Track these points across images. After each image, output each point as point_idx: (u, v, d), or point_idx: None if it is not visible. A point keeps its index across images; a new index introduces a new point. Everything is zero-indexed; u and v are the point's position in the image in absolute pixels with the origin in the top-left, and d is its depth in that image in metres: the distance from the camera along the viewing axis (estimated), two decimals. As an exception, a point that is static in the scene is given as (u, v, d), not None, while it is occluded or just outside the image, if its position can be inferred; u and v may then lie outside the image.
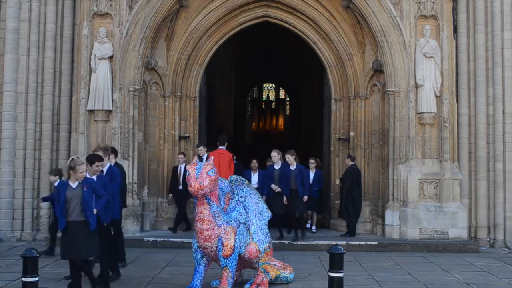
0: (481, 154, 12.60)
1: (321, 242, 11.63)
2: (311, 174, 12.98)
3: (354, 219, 12.62)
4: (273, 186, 11.79)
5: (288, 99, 41.02)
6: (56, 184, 8.72)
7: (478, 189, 12.65)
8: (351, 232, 12.54)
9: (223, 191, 7.62)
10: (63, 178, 8.76)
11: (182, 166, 12.73)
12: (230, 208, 7.69)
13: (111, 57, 12.39)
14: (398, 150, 12.39)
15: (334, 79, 13.96)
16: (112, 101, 12.33)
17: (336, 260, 6.65)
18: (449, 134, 12.42)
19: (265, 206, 8.02)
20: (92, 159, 7.75)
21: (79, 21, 12.65)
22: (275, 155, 11.91)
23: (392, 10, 12.38)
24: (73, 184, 7.03)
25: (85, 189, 7.00)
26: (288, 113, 40.72)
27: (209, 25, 13.66)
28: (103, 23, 12.47)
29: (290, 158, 11.76)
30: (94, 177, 7.62)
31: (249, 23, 14.10)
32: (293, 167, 11.81)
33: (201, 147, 12.42)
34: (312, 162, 13.21)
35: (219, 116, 24.20)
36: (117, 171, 8.71)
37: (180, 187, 12.72)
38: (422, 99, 12.31)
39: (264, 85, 41.59)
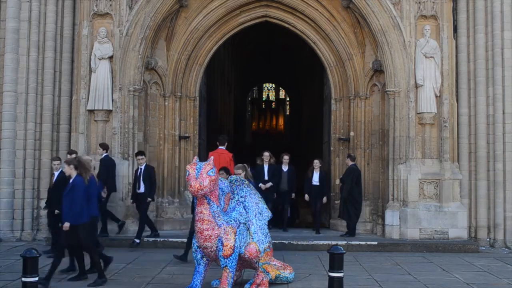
0: (481, 154, 12.61)
1: (321, 242, 11.64)
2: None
3: (354, 219, 12.62)
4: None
5: (288, 99, 41.02)
6: None
7: (478, 189, 12.65)
8: (351, 232, 12.54)
9: (223, 191, 7.62)
10: None
11: (56, 174, 10.72)
12: (230, 208, 7.69)
13: (111, 57, 12.40)
14: (398, 150, 12.39)
15: (334, 79, 13.96)
16: (112, 101, 12.33)
17: (336, 260, 6.66)
18: (449, 134, 12.43)
19: (265, 206, 8.02)
20: None
21: (79, 21, 12.66)
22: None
23: (392, 10, 12.39)
24: None
25: None
26: (288, 113, 40.72)
27: (209, 25, 13.66)
28: (103, 23, 12.48)
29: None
30: None
31: (249, 23, 14.10)
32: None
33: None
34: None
35: (219, 116, 24.20)
36: None
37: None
38: (422, 99, 12.31)
39: (264, 85, 41.57)
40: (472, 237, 12.60)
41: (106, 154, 11.93)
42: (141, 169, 11.64)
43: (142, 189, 11.58)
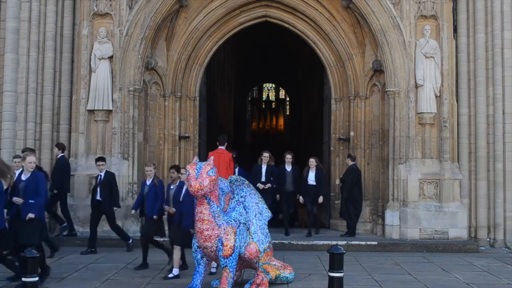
0: (481, 154, 12.60)
1: (321, 242, 11.64)
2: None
3: (354, 219, 12.62)
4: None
5: (288, 99, 41.03)
6: None
7: (478, 189, 12.65)
8: (351, 232, 12.54)
9: (223, 191, 7.62)
10: None
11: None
12: (230, 208, 7.69)
13: (111, 57, 12.40)
14: (398, 150, 12.39)
15: (334, 79, 13.97)
16: (112, 101, 12.33)
17: (336, 260, 6.66)
18: (449, 134, 12.43)
19: (265, 206, 8.02)
20: None
21: (79, 21, 12.66)
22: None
23: (392, 10, 12.39)
24: None
25: None
26: (288, 113, 40.73)
27: (209, 25, 13.66)
28: (103, 23, 12.48)
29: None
30: None
31: (249, 23, 14.10)
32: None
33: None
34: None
35: (219, 116, 24.20)
36: None
37: None
38: (422, 99, 12.31)
39: (264, 85, 41.58)
40: (472, 237, 12.60)
41: (63, 154, 11.84)
42: (100, 176, 11.08)
43: (99, 196, 11.05)
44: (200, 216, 7.29)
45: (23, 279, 6.37)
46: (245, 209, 7.76)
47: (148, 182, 9.72)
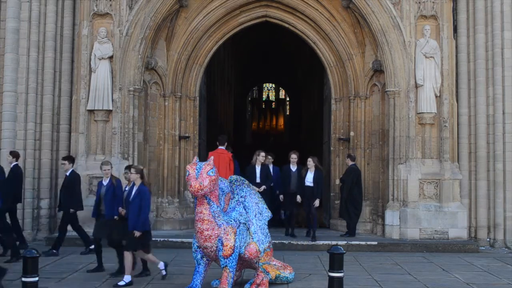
0: (481, 154, 12.61)
1: (321, 242, 11.65)
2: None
3: (354, 219, 12.62)
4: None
5: (288, 99, 41.06)
6: None
7: (478, 189, 12.66)
8: (351, 232, 12.54)
9: (223, 191, 7.63)
10: None
11: None
12: (230, 208, 7.70)
13: (111, 57, 12.39)
14: (398, 150, 12.40)
15: (334, 79, 13.97)
16: (112, 101, 12.33)
17: (336, 260, 6.67)
18: (449, 134, 12.43)
19: (265, 206, 8.02)
20: None
21: (79, 21, 12.66)
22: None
23: (392, 10, 12.39)
24: None
25: None
26: (288, 113, 40.75)
27: (209, 25, 13.66)
28: (103, 23, 12.48)
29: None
30: None
31: (249, 23, 14.10)
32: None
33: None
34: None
35: (219, 116, 24.22)
36: None
37: None
38: (422, 99, 12.31)
39: (264, 85, 41.62)
40: (472, 237, 12.60)
41: (16, 163, 11.16)
42: (66, 175, 10.85)
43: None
44: (200, 216, 7.30)
45: (23, 279, 6.37)
46: (245, 209, 7.77)
47: (105, 183, 9.29)
